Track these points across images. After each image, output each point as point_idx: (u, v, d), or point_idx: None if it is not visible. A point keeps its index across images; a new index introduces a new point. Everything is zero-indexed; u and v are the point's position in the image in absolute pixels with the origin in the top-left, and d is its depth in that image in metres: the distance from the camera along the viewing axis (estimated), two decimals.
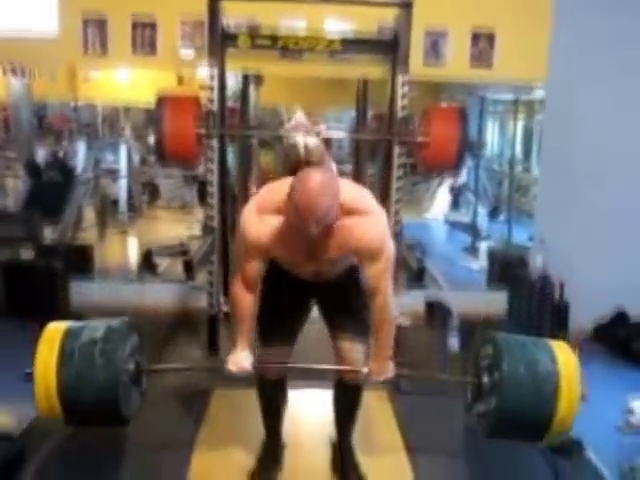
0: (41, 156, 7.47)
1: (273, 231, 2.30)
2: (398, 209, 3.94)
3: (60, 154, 8.70)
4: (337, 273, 2.51)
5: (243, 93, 5.70)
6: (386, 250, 2.36)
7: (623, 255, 4.75)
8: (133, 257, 6.66)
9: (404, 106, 3.82)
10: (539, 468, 2.86)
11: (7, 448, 2.89)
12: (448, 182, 9.37)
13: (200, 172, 7.44)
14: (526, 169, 9.97)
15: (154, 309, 4.80)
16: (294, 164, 2.41)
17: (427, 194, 10.10)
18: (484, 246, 6.77)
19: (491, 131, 10.97)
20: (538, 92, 6.58)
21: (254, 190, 9.26)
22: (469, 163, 8.15)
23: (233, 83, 5.91)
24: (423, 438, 3.03)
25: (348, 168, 8.92)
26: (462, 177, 8.93)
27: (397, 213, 3.93)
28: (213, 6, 3.78)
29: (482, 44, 4.64)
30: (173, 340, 4.40)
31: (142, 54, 4.56)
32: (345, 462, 2.75)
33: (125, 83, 9.19)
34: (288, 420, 2.77)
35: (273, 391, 2.67)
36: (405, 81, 3.80)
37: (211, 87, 3.81)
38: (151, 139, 7.35)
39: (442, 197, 9.55)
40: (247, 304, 2.46)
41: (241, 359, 2.48)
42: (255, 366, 2.51)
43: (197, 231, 5.76)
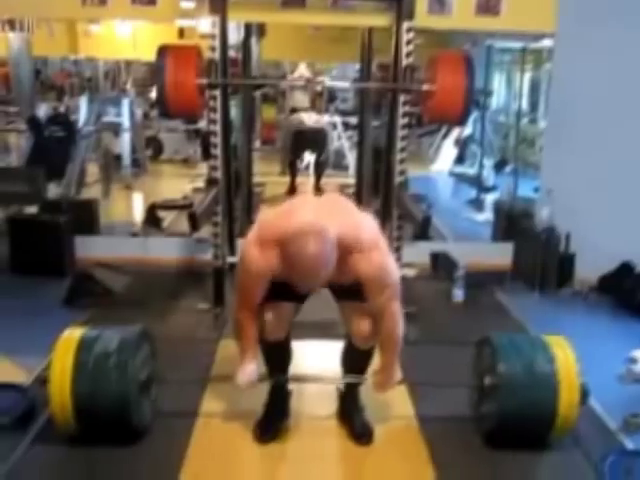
0: (43, 111, 7.39)
1: (275, 263, 2.36)
2: (403, 158, 3.89)
3: (62, 109, 8.65)
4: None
5: (245, 44, 5.62)
6: (391, 280, 2.44)
7: (629, 207, 4.71)
8: (137, 212, 6.66)
9: (409, 53, 3.74)
10: None
11: (18, 398, 2.92)
12: (453, 135, 9.30)
13: (203, 126, 7.42)
14: (532, 121, 9.88)
15: (159, 263, 4.81)
16: (296, 135, 2.37)
17: (432, 147, 10.03)
18: (490, 198, 6.74)
19: (497, 83, 10.84)
20: (546, 41, 6.48)
21: (257, 144, 9.21)
22: (475, 115, 8.07)
23: (235, 36, 5.83)
24: (425, 380, 3.07)
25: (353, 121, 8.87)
26: (467, 130, 8.85)
27: (402, 162, 3.89)
28: None
29: None
30: (179, 293, 4.42)
31: (141, 4, 4.45)
32: (350, 408, 2.80)
33: (126, 38, 9.07)
34: (294, 368, 2.79)
35: (278, 352, 2.69)
36: (410, 27, 3.72)
37: (212, 35, 3.73)
38: (153, 93, 7.29)
39: (447, 150, 9.48)
40: (251, 327, 2.55)
41: (249, 372, 2.58)
42: (262, 378, 2.65)
43: (201, 184, 5.75)
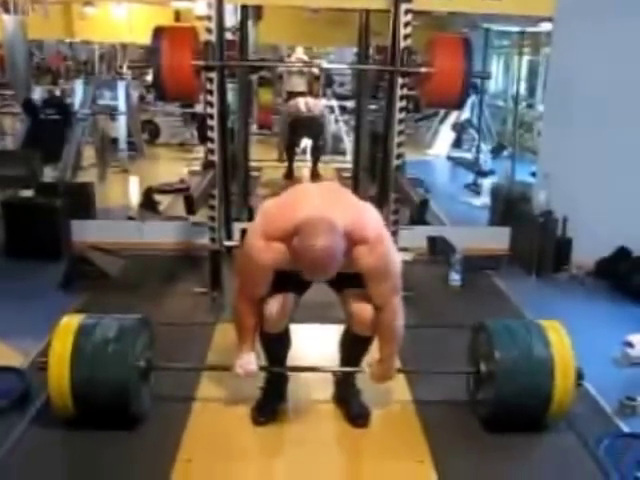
0: (38, 94, 7.33)
1: (280, 256, 2.36)
2: (401, 142, 3.87)
3: (57, 92, 8.59)
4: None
5: (242, 27, 5.57)
6: (393, 272, 2.46)
7: (626, 191, 4.70)
8: (134, 195, 6.64)
9: (407, 36, 3.71)
10: None
11: (15, 381, 2.92)
12: (451, 119, 9.27)
13: (200, 110, 7.38)
14: (530, 105, 9.85)
15: (155, 247, 4.80)
16: (293, 123, 2.35)
17: (429, 131, 10.00)
18: (487, 183, 6.73)
19: (495, 67, 10.80)
20: (544, 24, 6.45)
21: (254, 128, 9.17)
22: (472, 99, 8.04)
23: (231, 19, 5.77)
24: (422, 363, 3.08)
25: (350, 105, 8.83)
26: (465, 114, 8.82)
27: (399, 146, 3.87)
28: None
29: None
30: (175, 277, 4.42)
31: None
32: (347, 391, 2.81)
33: (122, 20, 9.00)
34: (292, 352, 2.79)
35: (277, 343, 2.69)
36: (408, 9, 3.68)
37: (209, 17, 3.70)
38: (149, 77, 7.25)
39: (445, 134, 9.46)
40: (250, 318, 2.55)
41: (247, 362, 2.59)
42: (261, 368, 2.66)
43: (197, 168, 5.73)
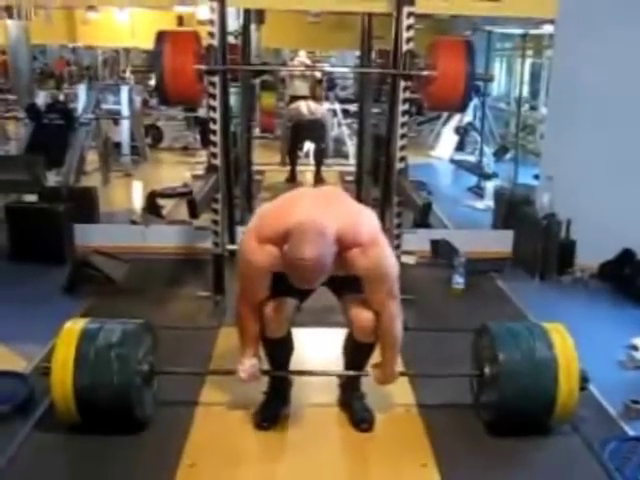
0: (42, 99, 7.35)
1: (274, 259, 2.37)
2: (403, 145, 3.87)
3: (61, 97, 8.61)
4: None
5: (244, 31, 5.57)
6: (389, 275, 2.45)
7: (630, 193, 4.69)
8: (137, 200, 6.63)
9: (409, 39, 3.71)
10: None
11: (19, 386, 2.92)
12: (453, 122, 9.27)
13: (202, 114, 7.38)
14: (533, 108, 9.85)
15: (159, 251, 4.80)
16: (295, 127, 2.34)
17: (432, 134, 10.00)
18: (490, 186, 6.72)
19: (498, 69, 10.81)
20: (547, 27, 6.45)
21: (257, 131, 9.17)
22: (475, 102, 8.04)
23: (234, 24, 5.78)
24: (425, 367, 3.07)
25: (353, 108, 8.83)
26: (467, 117, 8.82)
27: (402, 149, 3.86)
28: None
29: None
30: (178, 281, 4.42)
31: None
32: (351, 395, 2.80)
33: (124, 25, 9.02)
34: (296, 356, 2.78)
35: (279, 348, 2.69)
36: (410, 13, 3.68)
37: (211, 21, 3.70)
38: (152, 81, 7.26)
39: (447, 137, 9.45)
40: (252, 322, 2.56)
41: (250, 367, 2.60)
42: (264, 372, 2.67)
43: (201, 172, 5.73)
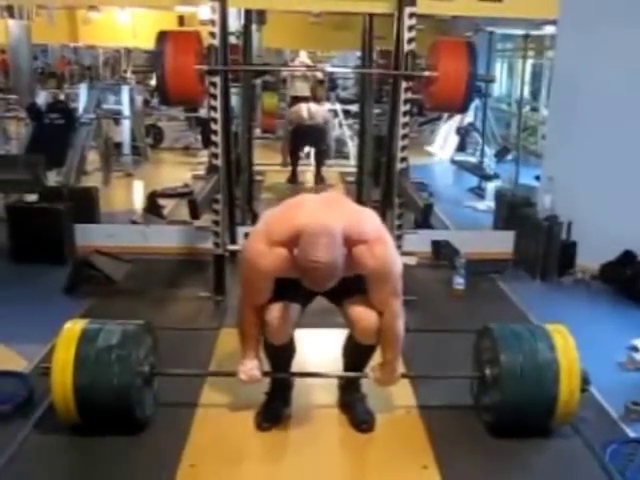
0: (43, 99, 7.35)
1: (282, 261, 2.37)
2: (405, 146, 3.86)
3: (62, 97, 8.62)
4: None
5: (245, 31, 5.57)
6: (394, 273, 2.46)
7: (631, 194, 4.68)
8: (138, 200, 6.64)
9: (411, 39, 3.71)
10: None
11: (19, 386, 2.92)
12: (454, 123, 9.26)
13: (203, 114, 7.39)
14: (534, 109, 9.85)
15: (159, 251, 4.80)
16: (295, 132, 2.34)
17: (433, 135, 10.00)
18: (491, 187, 6.72)
19: (499, 70, 10.80)
20: (548, 28, 6.44)
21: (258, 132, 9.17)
22: (476, 103, 8.03)
23: (235, 24, 5.78)
24: (426, 368, 3.06)
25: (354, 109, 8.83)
26: (468, 118, 8.81)
27: (403, 150, 3.86)
28: None
29: None
30: (179, 281, 4.42)
31: None
32: (351, 397, 2.80)
33: (126, 25, 9.04)
34: (296, 358, 2.78)
35: (281, 353, 2.69)
36: (412, 13, 3.68)
37: (212, 21, 3.70)
38: (153, 81, 7.26)
39: (448, 138, 9.45)
40: (254, 325, 2.56)
41: (251, 369, 2.61)
42: (265, 374, 2.67)
43: (201, 172, 5.73)
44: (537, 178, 5.49)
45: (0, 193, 5.42)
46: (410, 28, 3.71)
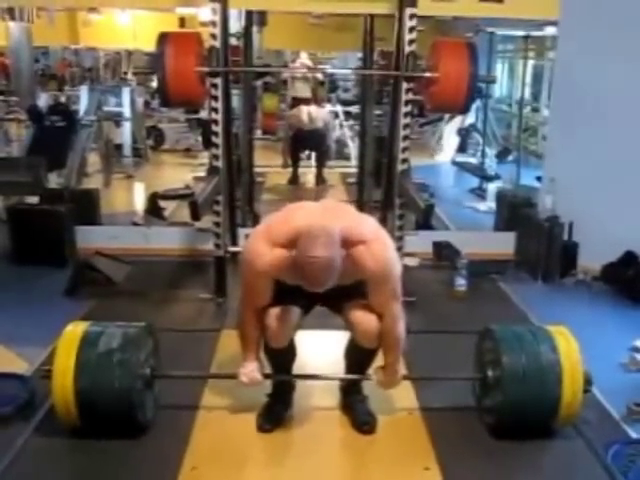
0: (44, 101, 7.36)
1: (282, 262, 2.38)
2: (406, 147, 3.86)
3: (62, 99, 8.63)
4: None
5: (246, 32, 5.58)
6: (394, 273, 2.46)
7: (633, 195, 4.67)
8: (139, 201, 6.64)
9: (411, 40, 3.70)
10: None
11: (20, 388, 2.91)
12: (455, 124, 9.25)
13: (204, 115, 7.39)
14: (535, 109, 9.84)
15: (160, 253, 4.79)
16: (296, 136, 2.35)
17: (434, 137, 9.99)
18: (492, 187, 6.71)
19: (500, 71, 10.80)
20: (549, 28, 6.44)
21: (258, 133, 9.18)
22: (477, 104, 8.03)
23: (236, 25, 5.78)
24: (428, 370, 3.06)
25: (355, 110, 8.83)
26: (469, 118, 8.80)
27: (404, 151, 3.86)
28: None
29: None
30: (180, 283, 4.42)
31: None
32: (353, 398, 2.80)
33: (126, 27, 9.05)
34: (298, 359, 2.77)
35: (281, 356, 2.69)
36: (413, 14, 3.67)
37: (213, 23, 3.70)
38: (154, 83, 7.27)
39: (449, 139, 9.44)
40: (254, 328, 2.56)
41: (251, 371, 2.62)
42: (266, 376, 2.67)
43: (202, 174, 5.72)
44: (538, 179, 5.48)
45: (1, 195, 5.42)
46: (411, 29, 3.71)
